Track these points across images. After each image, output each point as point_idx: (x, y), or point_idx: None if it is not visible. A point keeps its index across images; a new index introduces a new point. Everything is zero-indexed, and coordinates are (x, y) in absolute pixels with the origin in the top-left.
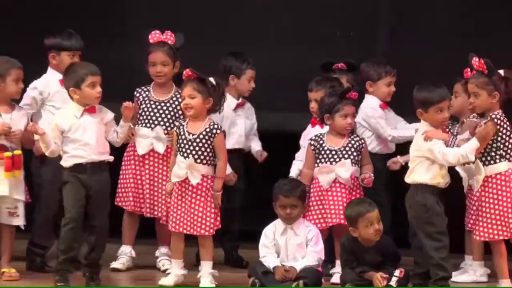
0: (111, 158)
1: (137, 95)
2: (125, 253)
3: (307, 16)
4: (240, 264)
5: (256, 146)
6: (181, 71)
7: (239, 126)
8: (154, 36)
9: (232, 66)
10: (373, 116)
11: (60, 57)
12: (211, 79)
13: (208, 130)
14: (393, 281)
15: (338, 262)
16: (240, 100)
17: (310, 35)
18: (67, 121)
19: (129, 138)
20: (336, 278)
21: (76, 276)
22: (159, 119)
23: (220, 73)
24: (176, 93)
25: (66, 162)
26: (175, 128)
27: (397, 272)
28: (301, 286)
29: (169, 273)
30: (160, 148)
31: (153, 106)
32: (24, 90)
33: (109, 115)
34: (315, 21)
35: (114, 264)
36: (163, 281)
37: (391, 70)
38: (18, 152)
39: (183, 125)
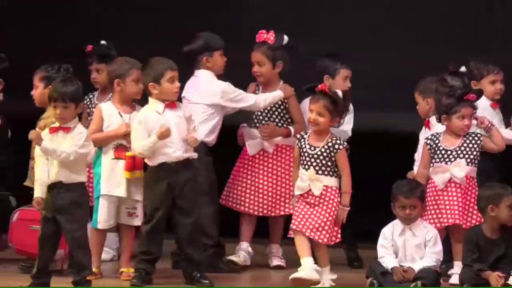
0: (195, 155)
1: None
2: (243, 249)
3: (423, 19)
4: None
5: None
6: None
7: None
8: (260, 36)
9: (325, 67)
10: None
11: (213, 58)
12: (339, 93)
13: (330, 145)
14: (511, 280)
15: (456, 263)
16: None
17: (420, 37)
18: (151, 118)
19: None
20: (454, 279)
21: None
22: (266, 118)
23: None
24: None
25: (151, 161)
26: (296, 141)
27: None
28: (420, 287)
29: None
30: (269, 147)
31: None
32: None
33: (188, 110)
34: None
35: (231, 256)
36: (296, 274)
37: (494, 68)
38: None
39: (305, 138)
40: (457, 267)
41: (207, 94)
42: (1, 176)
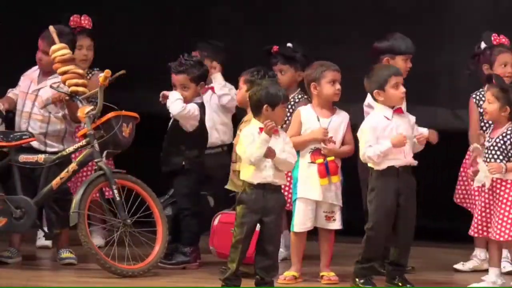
0: (414, 162)
1: (476, 98)
2: (475, 256)
3: None
4: None
5: None
6: None
7: None
8: (496, 38)
9: None
10: None
11: (394, 61)
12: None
13: (504, 135)
14: None
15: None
16: None
17: None
18: (380, 123)
19: None
20: None
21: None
22: None
23: None
24: None
25: (379, 165)
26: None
27: None
28: None
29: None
30: None
31: None
32: None
33: (412, 117)
34: None
35: (456, 265)
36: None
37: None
38: (330, 158)
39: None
40: None
41: None
42: (200, 177)
